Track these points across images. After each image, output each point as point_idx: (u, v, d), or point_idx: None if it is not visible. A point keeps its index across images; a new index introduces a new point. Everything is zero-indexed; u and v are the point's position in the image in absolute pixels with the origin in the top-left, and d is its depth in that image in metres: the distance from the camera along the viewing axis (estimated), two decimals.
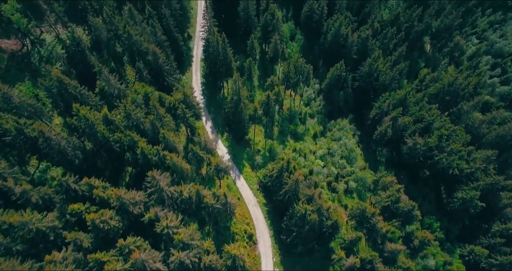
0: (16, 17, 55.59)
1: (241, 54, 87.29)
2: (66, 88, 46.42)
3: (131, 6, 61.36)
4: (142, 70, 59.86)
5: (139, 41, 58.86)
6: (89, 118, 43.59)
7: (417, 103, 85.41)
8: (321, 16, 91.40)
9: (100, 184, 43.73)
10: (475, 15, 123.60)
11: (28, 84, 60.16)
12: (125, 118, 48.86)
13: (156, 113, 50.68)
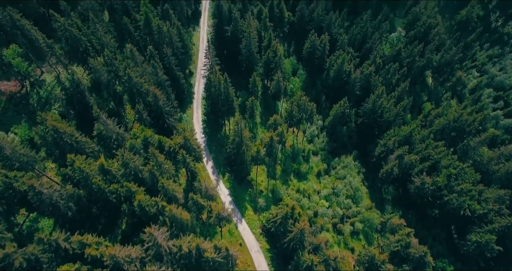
0: (17, 61, 54.95)
1: (243, 90, 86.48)
2: (62, 137, 44.44)
3: (132, 47, 60.69)
4: (142, 112, 58.27)
5: (139, 82, 57.67)
6: (84, 170, 41.28)
7: (423, 140, 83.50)
8: (323, 52, 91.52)
9: (93, 240, 40.66)
10: (474, 49, 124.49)
11: (24, 127, 58.40)
12: (122, 166, 46.53)
13: (155, 161, 48.40)
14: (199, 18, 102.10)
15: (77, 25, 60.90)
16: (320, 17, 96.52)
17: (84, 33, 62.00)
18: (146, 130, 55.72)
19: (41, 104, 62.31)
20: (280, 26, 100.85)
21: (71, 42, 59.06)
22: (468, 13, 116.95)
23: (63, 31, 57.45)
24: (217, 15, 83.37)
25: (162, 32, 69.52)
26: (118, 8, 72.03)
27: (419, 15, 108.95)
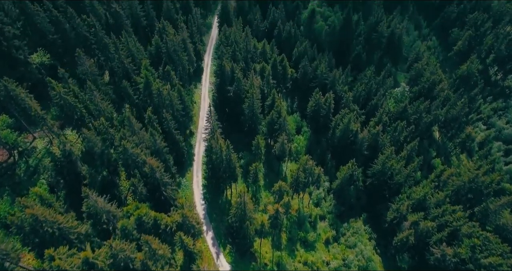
0: (5, 133, 51.63)
1: (245, 151, 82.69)
2: (42, 225, 39.28)
3: (129, 114, 57.58)
4: (137, 186, 53.61)
5: (135, 153, 53.66)
6: (63, 268, 35.61)
7: (438, 205, 77.82)
8: (328, 111, 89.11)
9: None
10: (478, 102, 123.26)
11: (5, 202, 53.30)
12: (111, 257, 40.75)
13: (149, 248, 42.72)
14: (201, 75, 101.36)
15: (74, 92, 58.39)
16: (324, 74, 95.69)
17: (81, 100, 59.35)
18: (141, 207, 50.65)
19: (28, 174, 57.84)
20: (283, 82, 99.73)
21: (66, 110, 56.10)
22: (469, 68, 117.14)
23: (59, 99, 54.68)
24: (219, 75, 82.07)
25: (162, 95, 67.16)
26: (119, 71, 70.39)
27: (421, 71, 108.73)
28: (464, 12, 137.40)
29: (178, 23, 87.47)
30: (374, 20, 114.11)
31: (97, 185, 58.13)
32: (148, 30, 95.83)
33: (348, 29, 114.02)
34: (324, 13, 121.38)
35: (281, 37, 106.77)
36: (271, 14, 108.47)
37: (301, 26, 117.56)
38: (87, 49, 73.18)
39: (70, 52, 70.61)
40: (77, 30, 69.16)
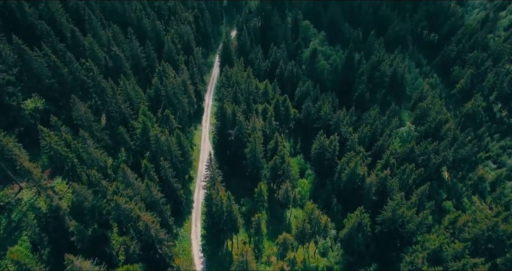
0: None
1: (246, 197, 78.12)
2: None
3: (124, 166, 53.82)
4: (129, 245, 48.74)
5: (128, 209, 49.31)
6: None
7: (457, 257, 71.90)
8: (333, 154, 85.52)
9: None
10: (485, 140, 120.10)
11: None
12: None
13: None
14: (201, 115, 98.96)
15: (66, 140, 55.13)
16: (328, 115, 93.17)
17: (74, 148, 55.94)
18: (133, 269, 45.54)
19: (9, 230, 53.03)
20: (286, 123, 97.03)
21: (56, 160, 52.50)
22: (473, 105, 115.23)
23: (49, 150, 51.25)
24: (220, 117, 79.45)
25: (160, 141, 63.86)
26: (116, 116, 67.64)
27: (427, 110, 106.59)
28: (463, 51, 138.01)
29: (179, 64, 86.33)
30: (376, 59, 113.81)
31: (86, 241, 53.20)
32: (148, 71, 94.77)
33: (350, 68, 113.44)
34: (326, 52, 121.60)
35: (283, 76, 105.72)
36: (272, 54, 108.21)
37: (303, 65, 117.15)
38: (84, 92, 71.08)
39: (67, 96, 68.11)
40: (74, 74, 67.28)
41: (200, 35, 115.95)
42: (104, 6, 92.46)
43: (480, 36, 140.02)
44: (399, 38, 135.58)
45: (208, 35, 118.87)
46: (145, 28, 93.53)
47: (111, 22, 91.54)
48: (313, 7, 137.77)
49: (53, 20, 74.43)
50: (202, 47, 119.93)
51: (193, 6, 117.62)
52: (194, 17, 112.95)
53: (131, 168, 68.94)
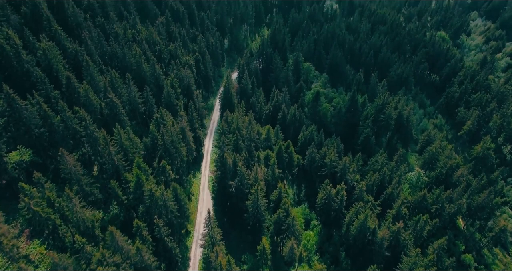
0: None
1: (248, 253, 71.35)
2: None
3: (113, 229, 48.14)
4: None
5: None
6: None
7: None
8: (340, 205, 79.75)
9: None
10: (499, 184, 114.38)
11: None
12: None
13: None
14: (200, 162, 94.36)
15: (49, 199, 49.98)
16: (333, 162, 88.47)
17: (58, 208, 50.63)
18: None
19: None
20: (289, 169, 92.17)
21: (35, 223, 47.01)
22: (483, 148, 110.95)
23: (28, 212, 45.98)
24: (220, 167, 74.92)
25: (155, 196, 58.62)
26: (108, 168, 62.94)
27: (436, 155, 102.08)
28: (466, 92, 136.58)
29: (178, 111, 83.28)
30: (381, 102, 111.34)
31: None
32: (146, 116, 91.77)
33: (354, 111, 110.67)
34: (328, 94, 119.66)
35: (285, 120, 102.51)
36: (274, 97, 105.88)
37: (305, 107, 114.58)
38: (76, 141, 67.04)
39: (57, 145, 64.17)
40: (66, 123, 63.58)
41: (200, 78, 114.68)
42: (104, 51, 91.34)
43: (482, 77, 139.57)
44: (401, 80, 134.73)
45: (209, 78, 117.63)
46: (144, 72, 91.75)
47: (110, 67, 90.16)
48: (314, 50, 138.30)
49: (50, 67, 72.19)
50: (203, 90, 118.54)
51: (194, 49, 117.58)
52: (195, 61, 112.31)
53: (123, 224, 63.49)
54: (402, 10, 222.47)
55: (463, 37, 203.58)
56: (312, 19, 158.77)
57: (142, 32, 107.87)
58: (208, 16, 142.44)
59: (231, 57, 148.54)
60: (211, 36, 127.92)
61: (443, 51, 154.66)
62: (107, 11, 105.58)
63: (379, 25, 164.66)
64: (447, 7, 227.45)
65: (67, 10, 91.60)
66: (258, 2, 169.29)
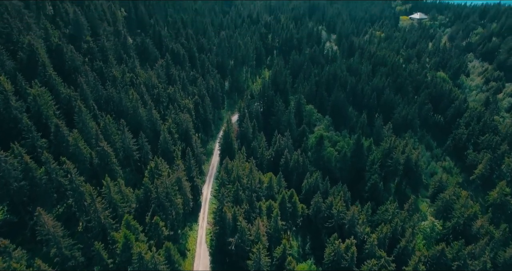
0: None
1: None
2: None
3: None
4: None
5: None
6: None
7: None
8: (351, 263, 71.88)
9: None
10: None
11: None
12: None
13: None
14: (198, 212, 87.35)
15: None
16: (341, 213, 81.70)
17: None
18: None
19: None
20: (293, 220, 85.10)
21: None
22: (500, 195, 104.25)
23: None
24: (219, 222, 68.24)
25: (144, 260, 51.57)
26: (94, 227, 56.40)
27: (450, 203, 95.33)
28: (474, 134, 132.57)
29: (175, 159, 78.25)
30: (387, 146, 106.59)
31: None
32: (141, 163, 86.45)
33: (360, 156, 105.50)
34: (332, 138, 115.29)
35: (288, 166, 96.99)
36: (277, 142, 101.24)
37: (308, 152, 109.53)
38: (60, 195, 61.13)
39: (39, 200, 58.35)
40: (50, 175, 58.11)
41: (200, 122, 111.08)
42: (100, 95, 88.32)
43: (488, 119, 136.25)
44: (406, 122, 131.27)
45: (208, 121, 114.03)
46: (140, 117, 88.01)
47: (105, 112, 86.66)
48: (316, 91, 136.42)
49: (39, 114, 68.28)
50: (202, 133, 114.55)
51: (193, 92, 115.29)
52: (194, 104, 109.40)
53: None
54: (401, 51, 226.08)
55: (462, 77, 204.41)
56: (313, 61, 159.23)
57: (141, 76, 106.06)
58: (208, 58, 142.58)
59: (232, 99, 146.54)
60: (211, 79, 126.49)
61: (446, 92, 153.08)
62: (106, 55, 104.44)
63: (380, 67, 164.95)
64: (444, 49, 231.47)
65: (65, 54, 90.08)
66: (259, 44, 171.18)
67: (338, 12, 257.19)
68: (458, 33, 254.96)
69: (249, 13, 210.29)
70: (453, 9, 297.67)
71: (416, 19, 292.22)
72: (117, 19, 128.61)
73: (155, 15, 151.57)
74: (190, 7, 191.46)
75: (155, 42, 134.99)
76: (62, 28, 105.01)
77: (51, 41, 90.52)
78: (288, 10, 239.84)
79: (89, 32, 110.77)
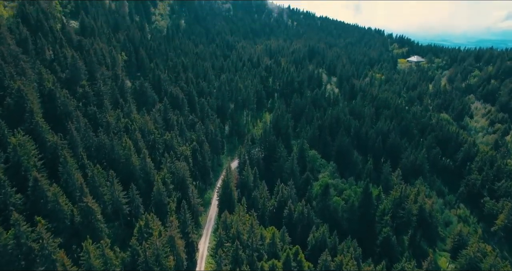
0: None
1: None
2: None
3: None
4: None
5: None
6: None
7: None
8: None
9: None
10: None
11: None
12: None
13: None
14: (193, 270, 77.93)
15: None
16: None
17: None
18: None
19: None
20: None
21: None
22: None
23: None
24: None
25: None
26: None
27: (475, 260, 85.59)
28: (488, 179, 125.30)
29: (168, 215, 70.66)
30: (398, 195, 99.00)
31: None
32: (131, 217, 78.55)
33: (368, 206, 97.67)
34: (338, 186, 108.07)
35: (292, 218, 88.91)
36: (279, 191, 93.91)
37: (313, 201, 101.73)
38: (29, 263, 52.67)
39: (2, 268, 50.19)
40: (19, 240, 50.40)
41: (197, 170, 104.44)
42: (91, 143, 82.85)
43: (502, 163, 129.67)
44: (415, 167, 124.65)
45: (207, 169, 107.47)
46: (133, 166, 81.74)
47: (96, 160, 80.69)
48: (319, 136, 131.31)
49: (18, 165, 62.13)
50: (199, 181, 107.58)
51: (191, 138, 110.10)
52: (192, 150, 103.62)
53: None
54: (402, 93, 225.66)
55: (466, 119, 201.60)
56: (314, 104, 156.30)
57: (136, 121, 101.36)
58: (208, 102, 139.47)
59: (232, 143, 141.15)
60: (210, 123, 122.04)
61: (453, 134, 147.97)
62: (102, 99, 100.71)
63: (383, 109, 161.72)
64: (445, 91, 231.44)
65: (57, 99, 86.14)
66: (259, 87, 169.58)
67: (337, 55, 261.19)
68: (456, 75, 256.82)
69: (249, 56, 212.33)
70: (449, 53, 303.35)
71: (414, 62, 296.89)
72: (116, 63, 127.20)
73: (155, 59, 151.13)
74: (191, 51, 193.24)
75: (154, 86, 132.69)
76: (58, 72, 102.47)
77: (44, 86, 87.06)
78: (288, 53, 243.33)
79: (86, 76, 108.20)
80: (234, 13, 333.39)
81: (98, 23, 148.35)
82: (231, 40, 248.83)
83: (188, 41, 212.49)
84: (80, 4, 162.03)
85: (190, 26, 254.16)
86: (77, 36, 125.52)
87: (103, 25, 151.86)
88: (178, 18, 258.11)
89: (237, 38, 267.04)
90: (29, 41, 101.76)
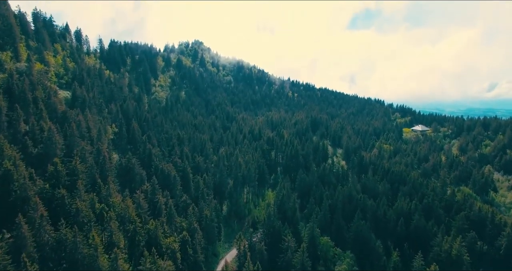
0: None
1: None
2: None
3: None
4: None
5: None
6: None
7: None
8: None
9: None
10: None
11: None
12: None
13: None
14: None
15: None
16: None
17: None
18: None
19: None
20: None
21: None
22: None
23: None
24: None
25: None
26: None
27: None
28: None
29: None
30: None
31: None
32: None
33: None
34: None
35: None
36: None
37: None
38: None
39: None
40: None
41: (186, 266, 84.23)
42: (46, 241, 65.01)
43: None
44: (451, 257, 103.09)
45: (198, 264, 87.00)
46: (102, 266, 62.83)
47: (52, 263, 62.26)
48: (331, 219, 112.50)
49: None
50: None
51: (181, 226, 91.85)
52: (181, 242, 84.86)
53: None
54: (414, 165, 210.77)
55: (491, 193, 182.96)
56: (322, 180, 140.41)
57: (115, 206, 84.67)
58: (204, 179, 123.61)
59: (230, 227, 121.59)
60: (206, 207, 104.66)
61: (487, 214, 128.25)
62: (75, 180, 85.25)
63: (399, 185, 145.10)
64: (459, 162, 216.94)
65: (14, 181, 71.06)
66: (261, 162, 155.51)
67: (341, 126, 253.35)
68: (467, 144, 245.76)
69: (250, 128, 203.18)
70: (453, 122, 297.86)
71: (419, 131, 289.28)
72: (102, 136, 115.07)
73: (148, 132, 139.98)
74: (189, 122, 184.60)
75: (144, 162, 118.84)
76: (29, 147, 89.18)
77: (1, 165, 72.64)
78: (290, 125, 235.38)
79: (63, 152, 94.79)
80: (235, 84, 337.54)
81: (90, 94, 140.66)
82: (232, 111, 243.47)
83: (186, 112, 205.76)
84: (77, 75, 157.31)
85: (190, 97, 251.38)
86: (62, 107, 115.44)
87: (95, 96, 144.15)
88: (179, 90, 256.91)
89: (238, 109, 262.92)
90: (1, 113, 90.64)
